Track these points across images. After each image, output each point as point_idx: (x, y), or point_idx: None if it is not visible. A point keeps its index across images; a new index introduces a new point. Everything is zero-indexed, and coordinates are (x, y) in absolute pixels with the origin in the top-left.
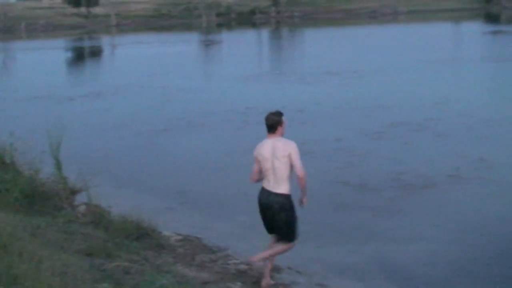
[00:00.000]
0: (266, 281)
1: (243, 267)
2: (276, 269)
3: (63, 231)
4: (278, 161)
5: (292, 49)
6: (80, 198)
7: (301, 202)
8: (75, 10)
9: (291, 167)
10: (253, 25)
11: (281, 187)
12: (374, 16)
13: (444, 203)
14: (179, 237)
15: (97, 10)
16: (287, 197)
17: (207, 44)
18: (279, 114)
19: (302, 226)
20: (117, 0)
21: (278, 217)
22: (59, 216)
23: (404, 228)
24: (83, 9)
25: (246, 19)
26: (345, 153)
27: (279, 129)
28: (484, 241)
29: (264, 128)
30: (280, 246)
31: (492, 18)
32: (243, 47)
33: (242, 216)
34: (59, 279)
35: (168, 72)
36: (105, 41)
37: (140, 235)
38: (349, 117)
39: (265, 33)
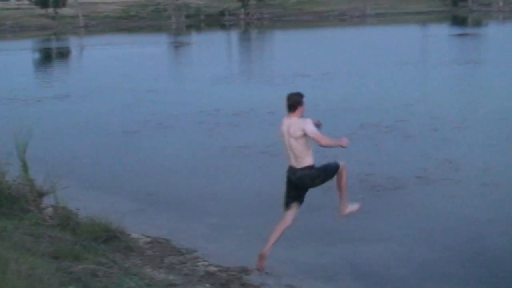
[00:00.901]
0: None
1: (212, 269)
2: (245, 271)
3: (29, 233)
4: (294, 140)
5: (261, 51)
6: (48, 201)
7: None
8: (42, 11)
9: (309, 144)
10: (223, 26)
11: (303, 163)
12: (343, 19)
13: (412, 204)
14: (148, 239)
15: (64, 11)
16: (311, 167)
17: (177, 46)
18: (300, 94)
19: (271, 227)
20: (85, 1)
21: (314, 183)
22: (26, 219)
23: (373, 228)
24: (50, 10)
25: (216, 21)
26: (314, 154)
27: (299, 109)
28: (451, 242)
29: (234, 130)
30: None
31: (459, 21)
32: (212, 48)
33: (212, 218)
34: (26, 282)
35: (138, 74)
36: (73, 42)
37: (108, 237)
38: (317, 119)
39: (234, 34)
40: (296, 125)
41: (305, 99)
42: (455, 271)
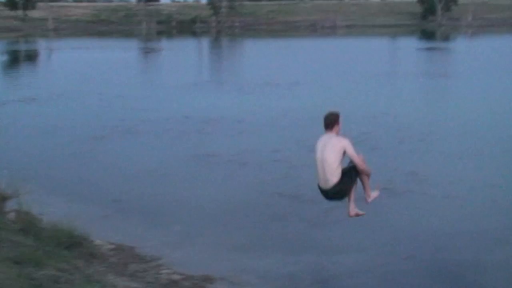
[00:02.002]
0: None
1: (175, 277)
2: (209, 279)
3: None
4: (328, 152)
5: (231, 59)
6: (11, 205)
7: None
8: (12, 13)
9: (340, 161)
10: (194, 34)
11: (331, 180)
12: (313, 29)
13: (377, 215)
14: (112, 246)
15: (34, 13)
16: (339, 183)
17: (147, 52)
18: (336, 114)
19: (236, 236)
20: (55, 4)
21: (347, 191)
22: None
23: (338, 239)
24: (20, 12)
25: (187, 28)
26: (282, 164)
27: (336, 127)
28: (414, 253)
29: (202, 137)
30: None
31: (427, 34)
32: (183, 55)
33: (177, 225)
34: None
35: (107, 79)
36: (42, 45)
37: (72, 243)
38: (287, 128)
39: (205, 42)
40: (336, 142)
41: (341, 118)
42: (417, 282)
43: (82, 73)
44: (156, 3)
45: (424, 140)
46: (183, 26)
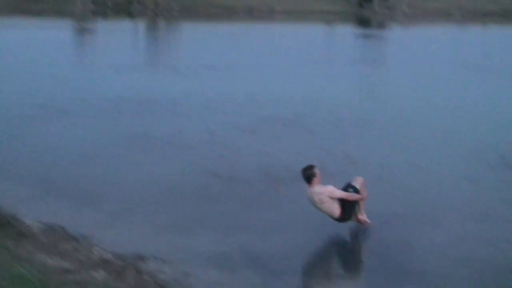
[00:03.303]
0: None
1: (107, 256)
2: (141, 258)
3: None
4: (320, 207)
5: (168, 41)
6: None
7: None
8: None
9: (333, 200)
10: (130, 15)
11: (335, 214)
12: (251, 14)
13: None
14: (42, 226)
15: None
16: (343, 212)
17: (81, 32)
18: (311, 167)
19: (169, 215)
20: None
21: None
22: None
23: (271, 219)
24: None
25: (123, 9)
26: (216, 145)
27: (315, 180)
28: (346, 234)
29: (137, 119)
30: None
31: (363, 22)
32: (118, 37)
33: (109, 205)
34: None
35: (39, 58)
36: None
37: (0, 223)
38: (222, 111)
39: (141, 24)
40: (322, 193)
41: (316, 169)
42: (348, 262)
43: (14, 52)
44: None
45: (358, 124)
46: (119, 7)
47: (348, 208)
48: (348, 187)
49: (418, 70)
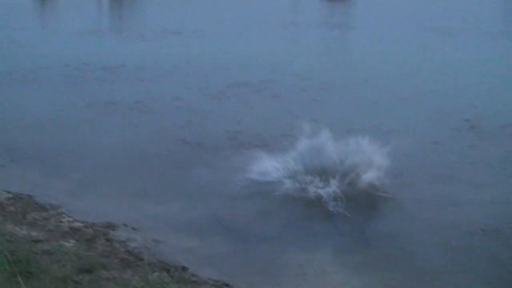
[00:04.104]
0: None
1: (77, 224)
2: (111, 226)
3: None
4: None
5: (132, 6)
6: None
7: None
8: None
9: None
10: None
11: None
12: None
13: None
14: (10, 195)
15: None
16: None
17: None
18: None
19: (138, 183)
20: None
21: None
22: None
23: (239, 185)
24: None
25: None
26: (184, 111)
27: None
28: (314, 199)
29: (102, 85)
30: None
31: None
32: (81, 1)
33: (76, 173)
34: None
35: None
36: None
37: None
38: (189, 76)
39: None
40: None
41: None
42: (317, 227)
43: None
44: None
45: (325, 88)
46: None
47: None
48: None
49: (385, 33)
